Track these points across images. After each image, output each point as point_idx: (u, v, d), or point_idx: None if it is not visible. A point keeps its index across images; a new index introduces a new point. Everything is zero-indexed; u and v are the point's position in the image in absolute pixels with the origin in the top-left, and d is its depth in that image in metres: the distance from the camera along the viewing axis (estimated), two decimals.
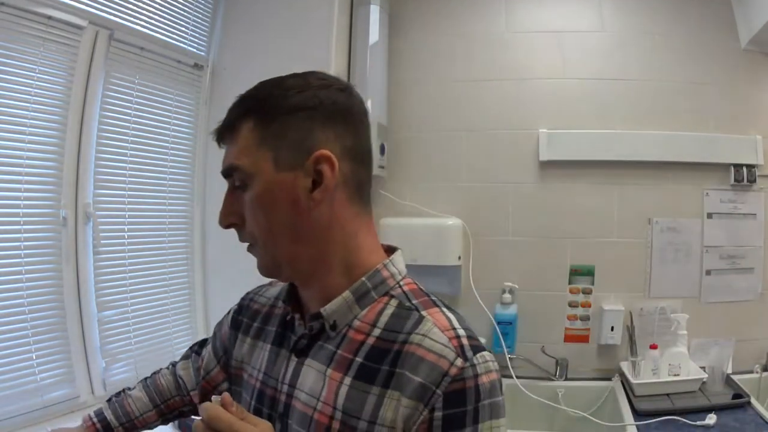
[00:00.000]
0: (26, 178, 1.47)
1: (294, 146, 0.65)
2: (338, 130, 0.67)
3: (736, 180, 2.02)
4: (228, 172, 0.69)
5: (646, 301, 2.05)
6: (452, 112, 2.21)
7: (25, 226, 1.47)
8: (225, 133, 0.69)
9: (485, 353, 0.63)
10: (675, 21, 2.08)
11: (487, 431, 0.62)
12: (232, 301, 2.27)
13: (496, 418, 0.63)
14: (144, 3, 1.78)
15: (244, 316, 0.87)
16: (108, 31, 1.65)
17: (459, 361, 0.61)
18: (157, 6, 1.84)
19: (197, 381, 0.92)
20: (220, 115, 0.71)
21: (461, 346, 0.63)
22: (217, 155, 2.38)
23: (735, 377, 1.90)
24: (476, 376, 0.61)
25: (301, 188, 0.65)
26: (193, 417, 1.48)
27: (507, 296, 2.10)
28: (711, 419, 1.62)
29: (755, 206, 2.04)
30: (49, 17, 1.47)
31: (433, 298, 0.71)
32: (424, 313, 0.67)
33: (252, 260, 0.75)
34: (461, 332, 0.64)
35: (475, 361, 0.62)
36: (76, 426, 0.88)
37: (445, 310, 0.68)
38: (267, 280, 0.83)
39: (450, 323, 0.65)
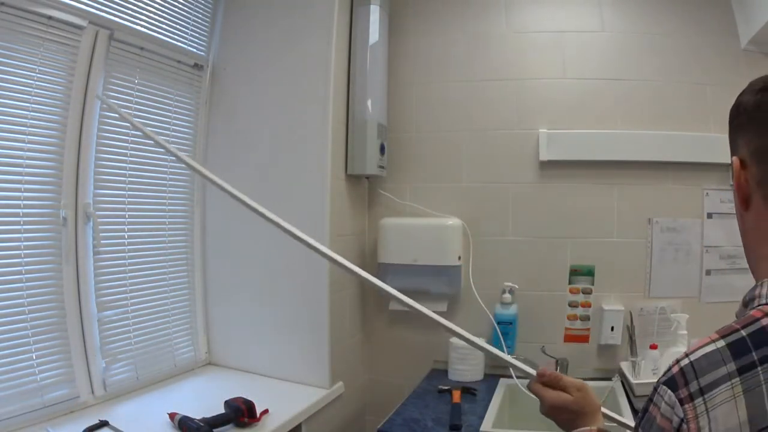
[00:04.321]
0: (26, 178, 1.47)
1: (732, 154, 0.70)
2: (748, 135, 0.67)
3: None
4: None
5: (646, 301, 2.05)
6: (452, 112, 2.21)
7: (25, 226, 1.47)
8: None
9: (665, 388, 0.59)
10: (675, 21, 2.08)
11: None
12: (232, 300, 2.28)
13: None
14: (144, 3, 1.78)
15: None
16: (108, 31, 1.65)
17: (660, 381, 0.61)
18: (157, 6, 1.84)
19: None
20: (220, 114, 0.71)
21: (669, 369, 0.60)
22: (217, 155, 2.37)
23: None
24: (649, 400, 0.60)
25: (739, 195, 0.68)
26: (193, 419, 1.48)
27: (507, 296, 2.10)
28: None
29: None
30: (49, 17, 1.47)
31: (734, 328, 0.60)
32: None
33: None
34: (683, 361, 0.59)
35: (658, 390, 0.60)
36: None
37: (709, 340, 0.60)
38: None
39: (686, 350, 0.61)
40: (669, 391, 0.58)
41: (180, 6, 1.94)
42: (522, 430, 1.88)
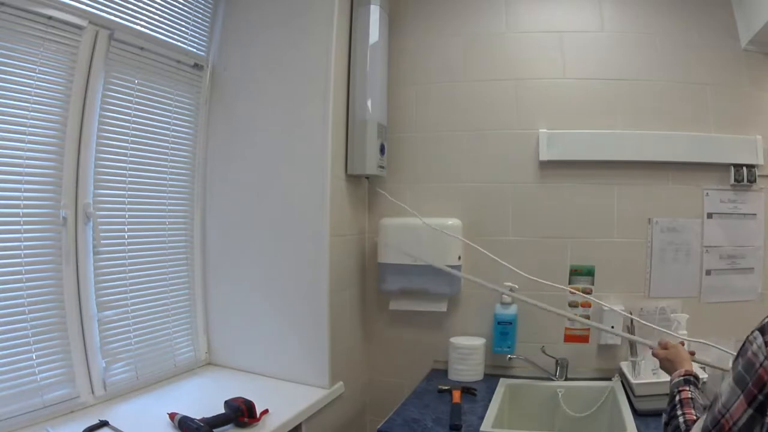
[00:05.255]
0: (26, 178, 1.47)
1: None
2: None
3: (736, 180, 2.02)
4: None
5: (646, 301, 2.05)
6: (452, 112, 2.21)
7: (25, 226, 1.47)
8: None
9: (757, 333, 0.87)
10: (675, 21, 2.08)
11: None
12: (232, 300, 2.28)
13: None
14: (144, 3, 1.78)
15: None
16: (108, 31, 1.65)
17: None
18: (157, 6, 1.84)
19: None
20: (220, 114, 0.71)
21: (761, 322, 0.88)
22: (216, 155, 2.37)
23: None
24: (746, 340, 0.90)
25: None
26: (193, 419, 1.48)
27: (507, 296, 2.10)
28: None
29: (755, 206, 2.04)
30: (49, 17, 1.47)
31: None
32: None
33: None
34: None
35: (754, 334, 0.88)
36: None
37: None
38: None
39: None
40: (760, 336, 0.86)
41: (180, 6, 1.94)
42: (522, 430, 1.89)
